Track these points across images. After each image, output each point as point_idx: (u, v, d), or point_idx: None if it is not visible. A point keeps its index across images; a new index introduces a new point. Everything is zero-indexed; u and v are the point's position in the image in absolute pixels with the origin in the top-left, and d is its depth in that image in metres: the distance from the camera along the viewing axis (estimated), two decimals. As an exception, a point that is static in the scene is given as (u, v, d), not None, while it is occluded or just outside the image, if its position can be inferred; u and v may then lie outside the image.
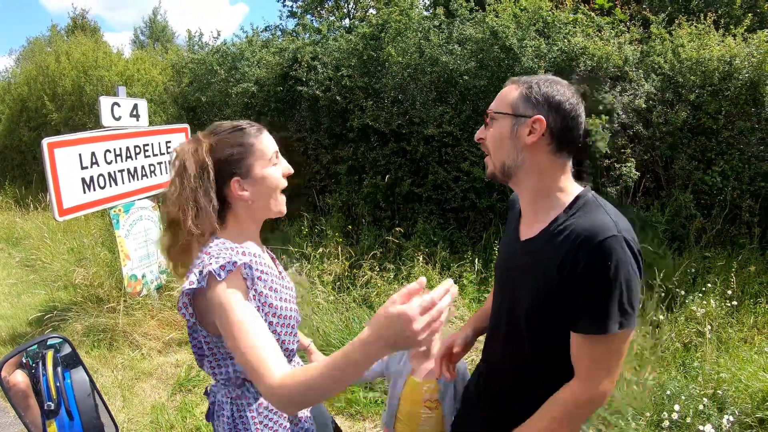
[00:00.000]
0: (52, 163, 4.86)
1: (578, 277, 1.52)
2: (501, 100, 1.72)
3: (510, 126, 1.68)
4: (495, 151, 1.73)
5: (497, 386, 1.89)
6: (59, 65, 14.14)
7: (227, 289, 1.53)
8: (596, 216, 1.57)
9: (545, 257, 1.61)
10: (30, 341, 1.80)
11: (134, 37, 32.81)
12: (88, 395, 1.81)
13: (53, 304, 6.42)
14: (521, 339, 1.73)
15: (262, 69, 8.39)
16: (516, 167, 1.71)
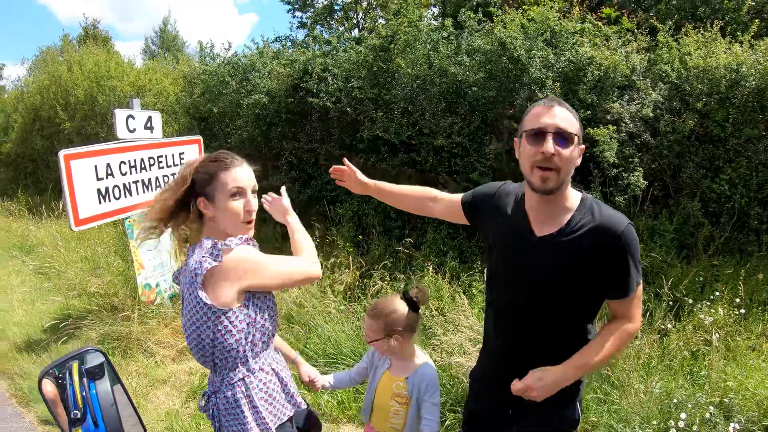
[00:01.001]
0: (68, 174, 4.96)
1: (614, 255, 1.95)
2: (571, 125, 1.97)
3: (577, 150, 2.00)
4: (564, 171, 1.97)
5: (521, 366, 2.10)
6: (72, 75, 14.28)
7: (243, 247, 2.02)
8: (609, 210, 2.02)
9: (571, 247, 1.98)
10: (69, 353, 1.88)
11: (145, 46, 33.03)
12: (111, 405, 1.88)
13: (68, 312, 6.50)
14: (545, 317, 2.08)
15: (273, 80, 8.47)
16: (566, 184, 2.03)
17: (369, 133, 7.19)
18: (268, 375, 2.15)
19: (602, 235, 1.95)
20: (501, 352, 2.29)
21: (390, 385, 2.68)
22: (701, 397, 3.90)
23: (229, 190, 2.06)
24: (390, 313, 2.58)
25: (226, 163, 2.11)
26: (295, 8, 17.85)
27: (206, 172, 2.10)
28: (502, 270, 2.22)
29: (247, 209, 2.10)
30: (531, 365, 2.08)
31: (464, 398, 4.09)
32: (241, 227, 2.11)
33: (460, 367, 4.26)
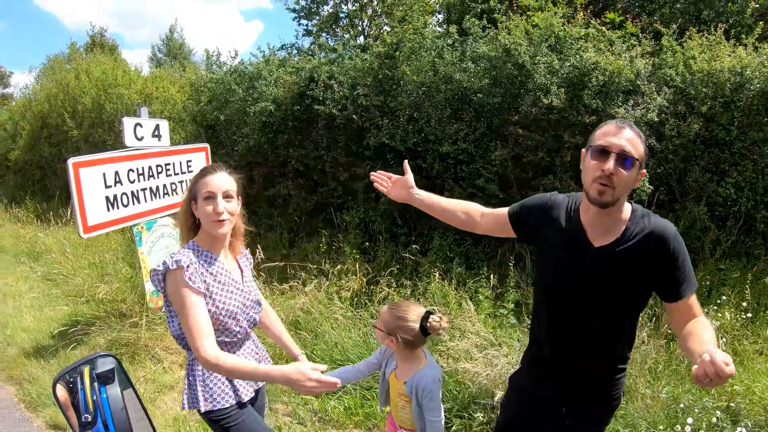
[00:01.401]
0: (77, 182, 5.00)
1: (675, 260, 2.10)
2: (636, 149, 2.09)
3: (636, 174, 2.11)
4: (621, 189, 2.08)
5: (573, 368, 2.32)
6: (79, 83, 14.38)
7: (176, 277, 2.30)
8: (657, 218, 2.17)
9: (627, 256, 2.11)
10: (83, 358, 1.91)
11: (152, 54, 33.24)
12: (121, 409, 1.90)
13: (76, 318, 6.54)
14: (599, 322, 2.20)
15: (279, 88, 8.50)
16: (622, 199, 2.14)
17: (375, 141, 7.21)
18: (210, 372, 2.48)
19: (655, 240, 2.10)
20: (553, 356, 2.38)
21: (395, 385, 2.82)
22: (708, 402, 3.89)
23: (203, 194, 2.42)
24: (400, 319, 2.67)
25: (204, 171, 2.50)
26: (300, 16, 17.96)
27: (194, 180, 2.51)
28: (558, 280, 2.30)
29: (215, 210, 2.40)
30: (583, 366, 2.30)
31: (470, 404, 4.11)
32: (212, 226, 2.42)
33: (466, 372, 4.27)
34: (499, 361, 4.25)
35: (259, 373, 2.24)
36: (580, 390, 2.35)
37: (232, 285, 2.53)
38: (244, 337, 2.62)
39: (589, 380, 2.33)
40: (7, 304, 7.59)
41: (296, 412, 4.55)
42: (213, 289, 2.43)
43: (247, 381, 2.57)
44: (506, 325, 5.18)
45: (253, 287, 2.73)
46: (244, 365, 2.23)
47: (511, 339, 4.81)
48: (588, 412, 2.38)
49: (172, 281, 2.32)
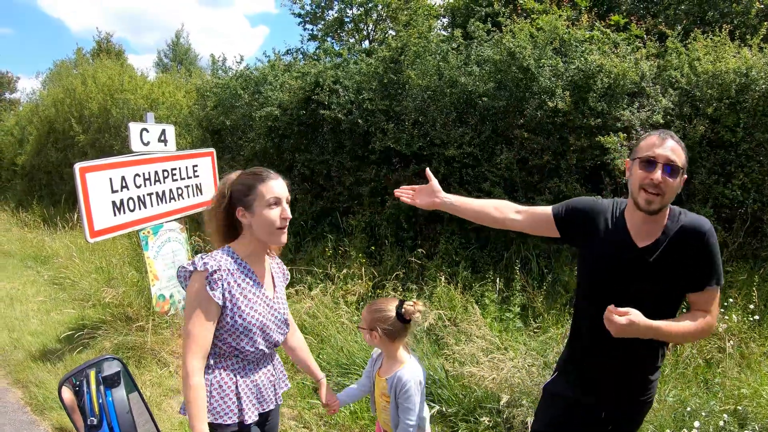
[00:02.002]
0: (83, 186, 5.03)
1: (705, 252, 2.25)
2: (680, 158, 2.25)
3: (681, 180, 2.27)
4: (669, 196, 2.25)
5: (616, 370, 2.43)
6: (86, 88, 14.45)
7: (198, 279, 2.25)
8: (692, 216, 2.32)
9: (667, 253, 2.27)
10: (88, 361, 1.92)
11: (158, 59, 33.39)
12: (127, 412, 1.91)
13: (83, 321, 6.56)
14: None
15: (284, 93, 8.51)
16: (667, 206, 2.31)
17: (380, 145, 7.21)
18: (223, 378, 2.36)
19: (689, 234, 2.26)
20: (595, 353, 2.48)
21: (379, 384, 2.86)
22: (715, 405, 3.88)
23: (267, 200, 2.31)
24: (377, 311, 2.76)
25: (263, 176, 2.37)
26: (305, 21, 17.96)
27: (244, 185, 2.37)
28: (604, 278, 2.43)
29: (283, 216, 2.34)
30: (623, 364, 2.41)
31: (476, 408, 4.10)
32: (275, 234, 2.35)
33: (472, 377, 4.26)
34: (504, 365, 4.24)
35: (193, 421, 2.17)
36: (619, 389, 2.45)
37: (260, 300, 2.42)
38: (258, 359, 2.48)
39: (627, 379, 2.44)
40: (14, 308, 7.62)
41: (302, 416, 4.56)
42: (237, 302, 2.32)
43: (254, 402, 2.45)
44: (512, 329, 5.17)
45: (283, 305, 2.59)
46: (195, 404, 2.18)
47: (517, 343, 4.81)
48: (626, 413, 2.52)
49: (193, 281, 2.26)
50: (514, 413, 3.95)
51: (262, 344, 2.41)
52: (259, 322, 2.38)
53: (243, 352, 2.37)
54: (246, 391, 2.40)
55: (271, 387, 2.55)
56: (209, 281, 2.24)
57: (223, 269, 2.28)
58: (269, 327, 2.44)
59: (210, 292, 2.23)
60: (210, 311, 2.25)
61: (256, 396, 2.45)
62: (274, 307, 2.48)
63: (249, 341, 2.37)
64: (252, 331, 2.36)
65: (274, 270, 2.63)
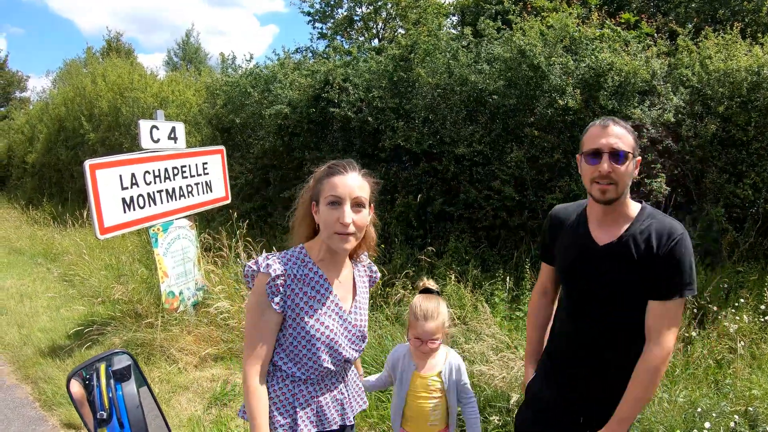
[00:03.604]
0: (93, 183, 5.03)
1: (667, 259, 2.11)
2: (625, 142, 2.18)
3: (632, 164, 2.19)
4: (622, 184, 2.17)
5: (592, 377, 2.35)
6: (96, 87, 14.53)
7: (260, 281, 2.06)
8: (667, 219, 2.19)
9: (631, 253, 2.17)
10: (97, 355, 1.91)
11: (167, 58, 33.55)
12: (137, 407, 1.90)
13: (92, 318, 6.58)
14: (614, 324, 2.25)
15: (294, 91, 8.52)
16: (625, 194, 2.23)
17: (390, 143, 7.20)
18: (281, 389, 2.16)
19: (659, 236, 2.14)
20: (572, 354, 2.43)
21: (424, 384, 2.76)
22: (726, 406, 3.84)
23: (327, 198, 2.03)
24: (442, 311, 2.73)
25: (332, 170, 2.08)
26: (315, 19, 18.00)
27: (318, 177, 2.13)
28: (572, 281, 2.40)
29: (340, 221, 2.01)
30: (601, 365, 2.32)
31: (486, 407, 4.08)
32: (332, 237, 2.04)
33: (482, 375, 4.24)
34: (515, 364, 4.22)
35: (256, 426, 2.04)
36: (597, 392, 2.35)
37: (331, 312, 2.14)
38: (322, 377, 2.20)
39: (605, 381, 2.33)
40: (24, 304, 7.66)
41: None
42: (300, 312, 2.08)
43: (312, 419, 2.19)
44: (522, 328, 5.14)
45: (362, 317, 2.29)
46: (258, 413, 2.05)
47: (527, 341, 4.78)
48: (606, 419, 2.31)
49: (257, 284, 2.07)
50: (524, 412, 3.93)
51: (327, 361, 2.14)
52: (325, 336, 2.11)
53: (304, 366, 2.13)
54: (304, 406, 2.17)
55: (337, 405, 2.26)
56: (270, 286, 2.03)
57: (287, 274, 2.06)
58: (339, 343, 2.16)
59: (270, 298, 2.03)
60: (268, 317, 2.06)
61: (316, 413, 2.19)
62: (348, 320, 2.21)
63: (312, 356, 2.11)
64: (316, 346, 2.10)
65: (359, 276, 2.36)
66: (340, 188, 2.02)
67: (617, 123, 2.21)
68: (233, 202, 7.27)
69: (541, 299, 2.71)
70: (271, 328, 2.08)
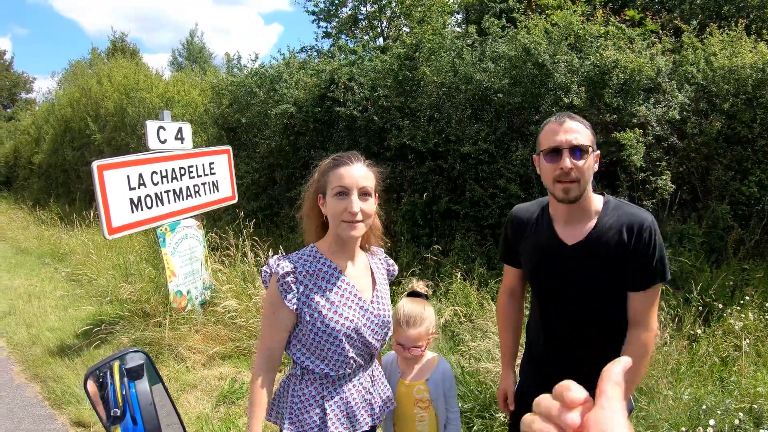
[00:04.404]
0: (101, 184, 5.06)
1: (642, 252, 2.08)
2: (585, 136, 2.11)
3: (593, 158, 2.13)
4: (584, 180, 2.11)
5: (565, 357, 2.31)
6: (101, 87, 14.60)
7: (272, 281, 2.10)
8: (632, 208, 2.17)
9: (603, 248, 2.12)
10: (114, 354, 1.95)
11: (172, 58, 33.63)
12: (150, 404, 1.94)
13: (100, 317, 6.64)
14: (592, 323, 2.22)
15: (300, 90, 8.55)
16: (587, 190, 2.16)
17: (396, 141, 7.22)
18: (310, 392, 2.17)
19: (630, 229, 2.10)
20: (552, 357, 2.38)
21: (410, 392, 2.61)
22: (731, 404, 3.84)
23: (334, 189, 2.06)
24: (427, 317, 2.57)
25: (338, 161, 2.11)
26: (319, 18, 18.02)
27: (323, 169, 2.15)
28: (541, 283, 2.35)
29: (348, 210, 2.04)
30: (582, 365, 2.12)
31: (492, 404, 4.10)
32: (341, 227, 2.08)
33: (488, 373, 4.26)
34: (520, 361, 4.24)
35: (250, 419, 2.08)
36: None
37: (350, 303, 2.15)
38: (352, 373, 2.22)
39: (580, 379, 2.21)
40: (32, 304, 7.72)
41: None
42: (317, 306, 2.08)
43: (342, 421, 2.20)
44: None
45: (385, 306, 2.27)
46: (254, 405, 2.08)
47: (533, 339, 4.80)
48: None
49: (270, 285, 2.11)
50: (530, 409, 3.95)
51: (352, 352, 2.15)
52: (346, 328, 2.10)
53: (330, 360, 2.13)
54: (334, 409, 2.17)
55: (367, 406, 2.27)
56: (281, 284, 2.06)
57: (298, 271, 2.09)
58: (363, 332, 2.15)
59: (282, 296, 2.07)
60: (281, 315, 2.09)
61: (346, 415, 2.20)
62: (369, 310, 2.19)
63: (336, 348, 2.11)
64: (338, 337, 2.09)
65: (375, 266, 2.35)
66: (347, 178, 2.06)
67: (573, 118, 2.14)
68: (240, 201, 7.30)
69: (509, 301, 2.65)
70: (283, 326, 2.11)
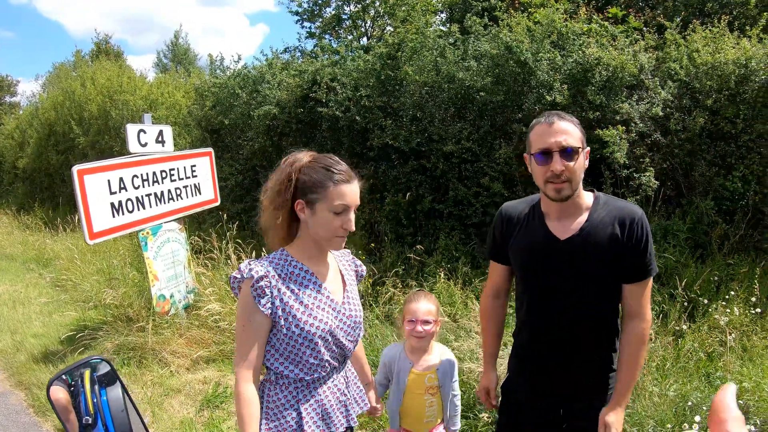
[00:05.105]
0: (82, 189, 5.03)
1: (634, 245, 2.15)
2: (573, 136, 2.14)
3: (583, 157, 2.17)
4: (576, 179, 2.16)
5: (565, 375, 2.33)
6: (85, 90, 14.49)
7: (245, 287, 2.04)
8: (621, 203, 2.24)
9: (595, 243, 2.17)
10: (75, 362, 1.92)
11: (157, 60, 33.45)
12: (122, 411, 1.91)
13: (84, 323, 6.58)
14: (582, 318, 2.25)
15: (282, 91, 8.52)
16: (579, 187, 2.21)
17: (378, 141, 7.20)
18: (285, 396, 2.15)
19: (621, 223, 2.16)
20: (542, 351, 2.39)
21: (421, 382, 2.85)
22: (717, 400, 3.85)
23: (334, 207, 2.04)
24: (434, 299, 2.90)
25: (337, 177, 2.06)
26: (303, 19, 17.99)
27: (313, 179, 2.07)
28: (537, 280, 2.35)
29: (345, 227, 2.07)
30: (572, 360, 2.31)
31: (476, 404, 4.09)
32: (333, 241, 2.11)
33: (471, 373, 4.25)
34: (503, 361, 4.23)
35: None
36: (571, 389, 2.35)
37: (323, 305, 2.14)
38: (327, 376, 2.21)
39: (570, 374, 2.33)
40: (17, 310, 7.64)
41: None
42: (291, 311, 2.06)
43: (318, 424, 2.18)
44: (512, 325, 5.15)
45: (356, 307, 2.29)
46: (248, 420, 2.00)
47: (517, 338, 4.79)
48: (583, 418, 2.34)
49: (242, 291, 2.06)
50: (514, 409, 3.94)
51: (327, 355, 2.14)
52: (321, 330, 2.09)
53: (305, 364, 2.11)
54: (310, 412, 2.15)
55: (342, 408, 2.27)
56: (255, 289, 2.02)
57: (270, 275, 2.05)
58: (337, 335, 2.16)
59: (256, 301, 2.02)
60: (257, 322, 2.04)
61: (322, 418, 2.19)
62: (342, 312, 2.19)
63: (311, 352, 2.10)
64: (314, 341, 2.08)
65: (344, 267, 2.36)
66: (350, 197, 2.07)
67: (563, 118, 2.17)
68: (223, 203, 7.27)
69: (494, 302, 2.68)
70: (260, 333, 2.05)
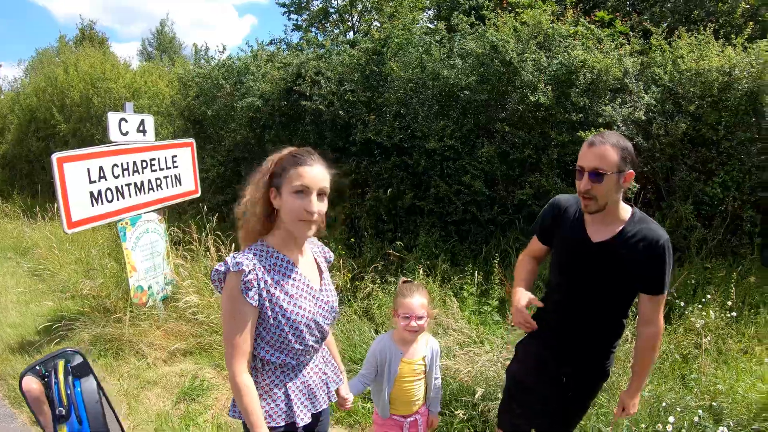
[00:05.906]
0: (61, 177, 4.96)
1: (655, 264, 2.46)
2: (607, 161, 2.39)
3: (616, 179, 2.42)
4: (602, 198, 2.44)
5: (573, 344, 2.74)
6: (67, 77, 14.28)
7: (232, 281, 2.07)
8: (654, 225, 2.51)
9: (623, 252, 2.48)
10: (50, 354, 1.90)
11: (142, 48, 33.15)
12: (96, 402, 1.90)
13: (61, 313, 6.51)
14: (597, 306, 2.64)
15: (266, 83, 8.47)
16: (612, 202, 2.49)
17: (361, 136, 7.19)
18: (273, 381, 2.25)
19: (649, 243, 2.45)
20: (560, 332, 2.78)
21: (411, 369, 3.07)
22: (691, 401, 3.90)
23: (293, 187, 2.09)
24: (425, 292, 3.07)
25: (299, 159, 2.14)
26: (290, 11, 17.91)
27: (281, 164, 2.17)
28: (566, 270, 2.74)
29: (307, 209, 2.10)
30: (588, 335, 2.71)
31: (452, 401, 4.11)
32: (297, 225, 2.13)
33: (447, 369, 4.26)
34: (480, 359, 4.25)
35: (252, 423, 2.08)
36: (580, 353, 2.73)
37: (305, 293, 2.24)
38: (310, 358, 2.33)
39: (588, 344, 2.73)
40: (-7, 300, 7.54)
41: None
42: (278, 301, 2.14)
43: (306, 404, 2.31)
44: (490, 322, 5.19)
45: (331, 291, 2.41)
46: (252, 408, 2.08)
47: (494, 336, 4.82)
48: (584, 379, 2.78)
49: (228, 283, 2.09)
50: (489, 406, 3.96)
51: (310, 339, 2.25)
52: (303, 317, 2.19)
53: (291, 351, 2.21)
54: (297, 393, 2.27)
55: (324, 386, 2.41)
56: (244, 282, 2.06)
57: (257, 268, 2.11)
58: (318, 320, 2.26)
59: (245, 294, 2.07)
60: (247, 314, 2.09)
61: (308, 397, 2.31)
62: (321, 298, 2.30)
63: (296, 339, 2.20)
64: (299, 328, 2.18)
65: (318, 256, 2.46)
66: (308, 179, 2.10)
67: (605, 141, 2.41)
68: (204, 195, 7.22)
69: (530, 260, 3.02)
70: (249, 324, 2.11)
